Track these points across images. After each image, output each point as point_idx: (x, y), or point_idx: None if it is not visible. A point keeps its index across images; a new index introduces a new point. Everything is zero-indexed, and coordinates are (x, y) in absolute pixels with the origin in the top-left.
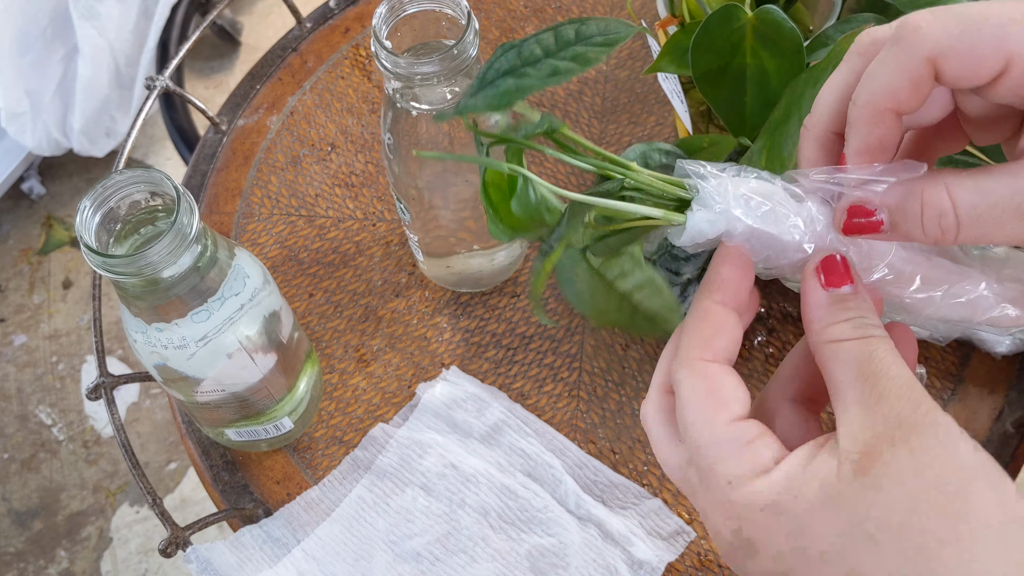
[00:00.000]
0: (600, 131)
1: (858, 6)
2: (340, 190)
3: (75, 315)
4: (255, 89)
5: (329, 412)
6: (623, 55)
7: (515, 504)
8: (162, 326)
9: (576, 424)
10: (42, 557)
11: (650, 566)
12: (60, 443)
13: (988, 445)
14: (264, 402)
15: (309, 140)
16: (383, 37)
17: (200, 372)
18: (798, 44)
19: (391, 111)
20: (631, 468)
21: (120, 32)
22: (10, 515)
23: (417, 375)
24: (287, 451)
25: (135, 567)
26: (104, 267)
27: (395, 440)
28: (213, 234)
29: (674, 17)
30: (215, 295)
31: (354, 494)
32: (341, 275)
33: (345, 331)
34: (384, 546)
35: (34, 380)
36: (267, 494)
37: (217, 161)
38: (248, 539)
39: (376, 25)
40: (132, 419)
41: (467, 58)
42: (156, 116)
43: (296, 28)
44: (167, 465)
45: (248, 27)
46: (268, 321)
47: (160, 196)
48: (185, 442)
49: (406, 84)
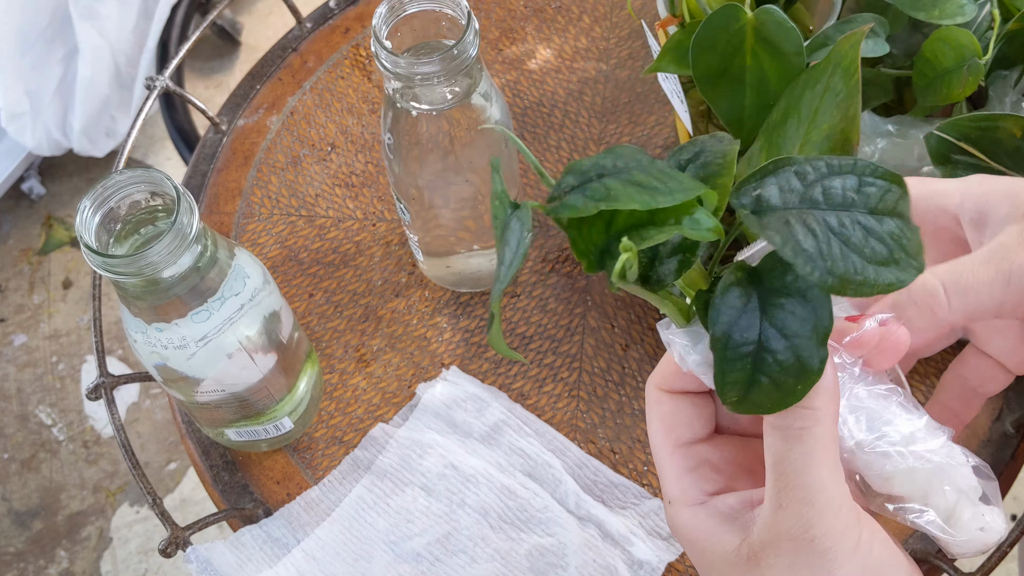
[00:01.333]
0: (600, 131)
1: (858, 6)
2: (340, 190)
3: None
4: (255, 89)
5: (329, 412)
6: (623, 55)
7: (515, 504)
8: (162, 326)
9: (576, 424)
10: (42, 557)
11: (650, 566)
12: (60, 443)
13: (988, 445)
14: (264, 402)
15: (309, 140)
16: (383, 37)
17: (200, 372)
18: (798, 45)
19: (391, 111)
20: (631, 468)
21: (120, 32)
22: (10, 515)
23: (417, 375)
24: (287, 451)
25: (135, 567)
26: (104, 267)
27: (395, 440)
28: (213, 234)
29: (674, 17)
30: (215, 295)
31: (354, 494)
32: (341, 275)
33: (345, 331)
34: (384, 546)
35: (34, 380)
36: (267, 494)
37: (217, 161)
38: (248, 539)
39: (376, 25)
40: (132, 419)
41: (467, 58)
42: (156, 116)
43: (296, 28)
44: (167, 465)
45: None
46: (268, 321)
47: (160, 196)
48: (185, 442)
49: (406, 84)
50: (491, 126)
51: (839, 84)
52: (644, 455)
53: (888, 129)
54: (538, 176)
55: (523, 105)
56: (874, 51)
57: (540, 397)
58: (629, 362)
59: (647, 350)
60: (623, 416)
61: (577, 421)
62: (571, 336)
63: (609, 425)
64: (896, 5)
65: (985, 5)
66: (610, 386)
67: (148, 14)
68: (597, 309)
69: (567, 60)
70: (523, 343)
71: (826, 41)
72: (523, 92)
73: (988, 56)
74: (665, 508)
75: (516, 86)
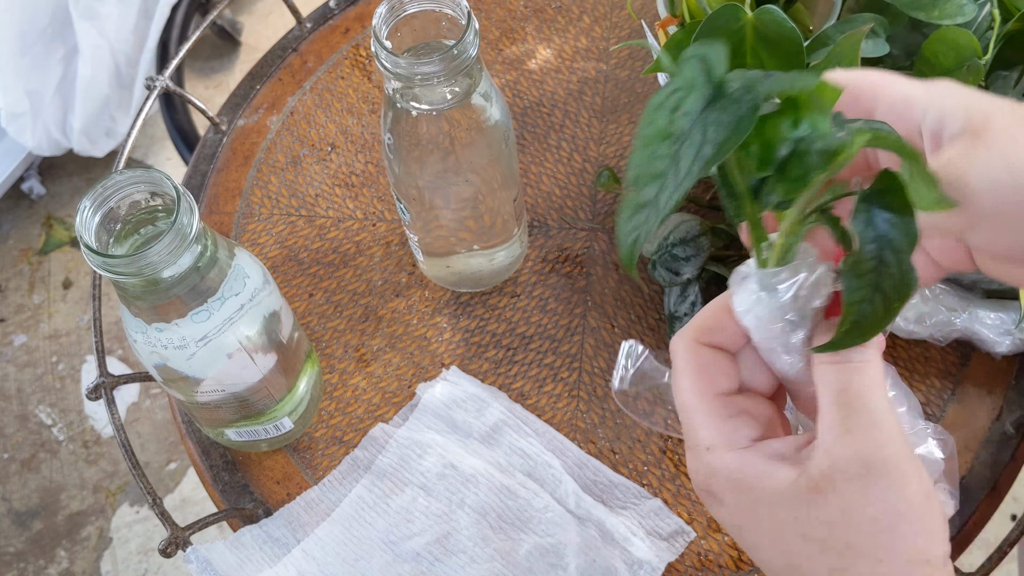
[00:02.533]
0: (600, 131)
1: (858, 6)
2: (340, 190)
3: (75, 315)
4: (255, 89)
5: (329, 412)
6: (623, 55)
7: (515, 504)
8: (162, 326)
9: (576, 424)
10: (42, 557)
11: (650, 566)
12: (60, 443)
13: (988, 445)
14: (264, 402)
15: (309, 140)
16: (383, 37)
17: (200, 372)
18: (798, 44)
19: (391, 111)
20: (631, 468)
21: (120, 32)
22: (10, 515)
23: (417, 375)
24: (287, 451)
25: (135, 567)
26: (104, 267)
27: (395, 440)
28: (213, 234)
29: (674, 17)
30: (215, 295)
31: (354, 494)
32: (341, 275)
33: (345, 331)
34: (384, 546)
35: (34, 380)
36: (267, 494)
37: (217, 161)
38: (248, 539)
39: (376, 25)
40: (132, 419)
41: (467, 58)
42: (156, 116)
43: (296, 28)
44: (167, 465)
45: (248, 27)
46: (268, 321)
47: (160, 196)
48: (185, 442)
49: (406, 84)
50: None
51: None
52: (644, 455)
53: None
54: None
55: (523, 105)
56: (874, 51)
57: (540, 397)
58: None
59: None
60: (623, 416)
61: (577, 421)
62: (571, 336)
63: (609, 425)
64: (896, 5)
65: (985, 5)
66: (610, 386)
67: (148, 14)
68: (597, 309)
69: (567, 60)
70: (523, 343)
71: (826, 41)
72: (523, 92)
73: (988, 56)
74: (696, 457)
75: (516, 86)
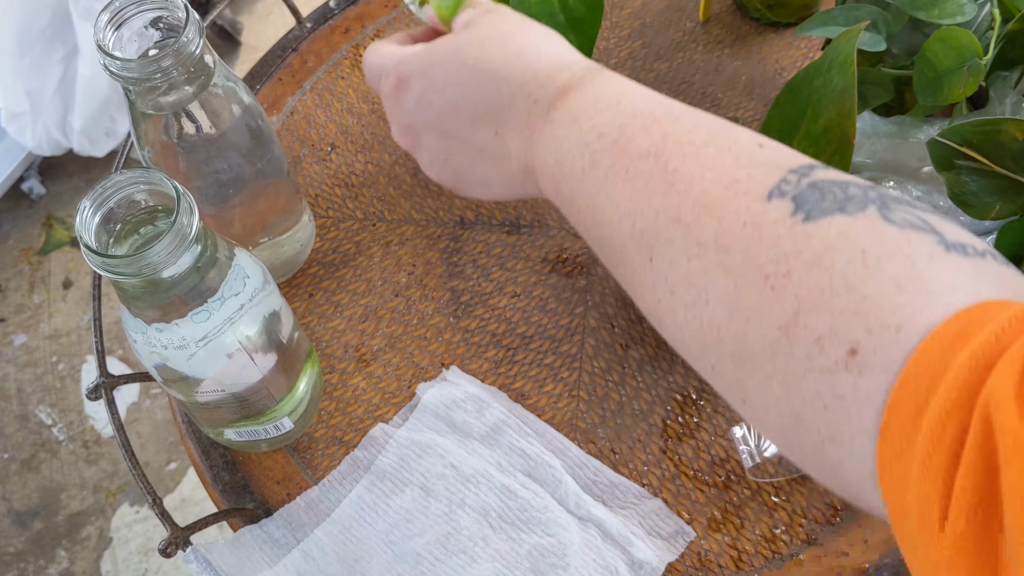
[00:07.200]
0: None
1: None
2: (340, 190)
3: (75, 315)
4: (255, 89)
5: (329, 412)
6: (623, 55)
7: (515, 504)
8: (162, 326)
9: (576, 424)
10: (42, 557)
11: (650, 566)
12: (60, 443)
13: None
14: (264, 402)
15: (309, 140)
16: (110, 47)
17: (200, 372)
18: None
19: (141, 123)
20: (631, 468)
21: None
22: (10, 515)
23: (417, 375)
24: (287, 451)
25: (135, 567)
26: (104, 267)
27: (395, 440)
28: (213, 234)
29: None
30: (215, 295)
31: (354, 494)
32: (341, 275)
33: (345, 331)
34: (384, 546)
35: (34, 380)
36: (267, 494)
37: None
38: (248, 539)
39: (99, 38)
40: (132, 419)
41: (195, 50)
42: None
43: (296, 28)
44: (167, 465)
45: (248, 27)
46: (268, 321)
47: (160, 196)
48: (185, 442)
49: (145, 87)
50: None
51: (836, 78)
52: (644, 455)
53: (888, 129)
54: None
55: None
56: (871, 45)
57: (540, 397)
58: (629, 362)
59: (647, 350)
60: (623, 416)
61: (577, 421)
62: (571, 336)
63: (609, 425)
64: (896, 4)
65: (985, 5)
66: (610, 386)
67: None
68: (597, 309)
69: None
70: (523, 343)
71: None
72: None
73: (988, 56)
74: (387, 61)
75: None
